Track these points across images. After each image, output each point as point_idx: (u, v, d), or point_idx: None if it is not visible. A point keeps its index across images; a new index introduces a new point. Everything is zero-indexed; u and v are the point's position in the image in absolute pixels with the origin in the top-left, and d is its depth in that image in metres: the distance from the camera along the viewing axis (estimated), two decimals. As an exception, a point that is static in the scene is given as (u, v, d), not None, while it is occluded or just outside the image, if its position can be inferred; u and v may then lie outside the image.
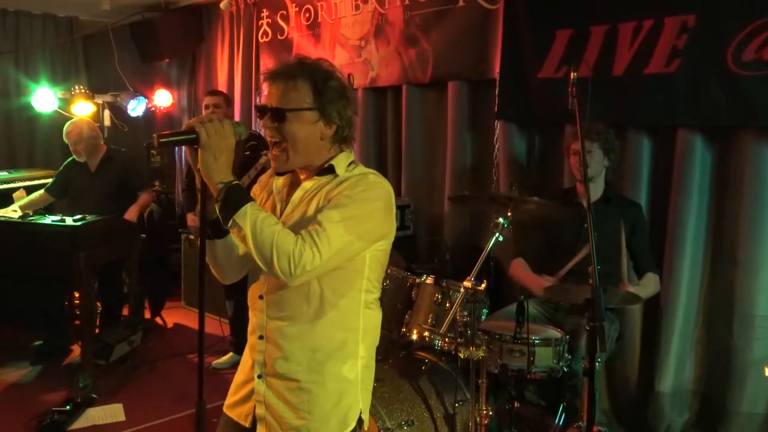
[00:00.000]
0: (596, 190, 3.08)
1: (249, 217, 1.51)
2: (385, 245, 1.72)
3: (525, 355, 2.60)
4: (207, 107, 4.36)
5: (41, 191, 4.60)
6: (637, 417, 3.32)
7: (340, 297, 1.67)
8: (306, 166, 1.70)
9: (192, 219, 4.40)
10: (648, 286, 3.00)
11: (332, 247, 1.54)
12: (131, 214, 4.43)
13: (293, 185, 1.75)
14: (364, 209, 1.61)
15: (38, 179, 5.32)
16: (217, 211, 1.55)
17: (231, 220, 1.53)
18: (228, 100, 4.59)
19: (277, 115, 1.62)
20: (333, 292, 1.66)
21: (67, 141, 4.50)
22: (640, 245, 3.05)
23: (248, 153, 4.37)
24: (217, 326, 4.42)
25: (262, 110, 1.66)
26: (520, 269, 3.25)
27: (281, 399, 1.69)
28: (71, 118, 4.75)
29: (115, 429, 3.40)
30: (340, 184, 1.64)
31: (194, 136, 1.53)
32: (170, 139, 1.56)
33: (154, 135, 1.53)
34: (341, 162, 1.69)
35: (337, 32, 4.79)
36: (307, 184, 1.69)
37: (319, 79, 1.64)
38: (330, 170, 1.68)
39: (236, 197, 1.54)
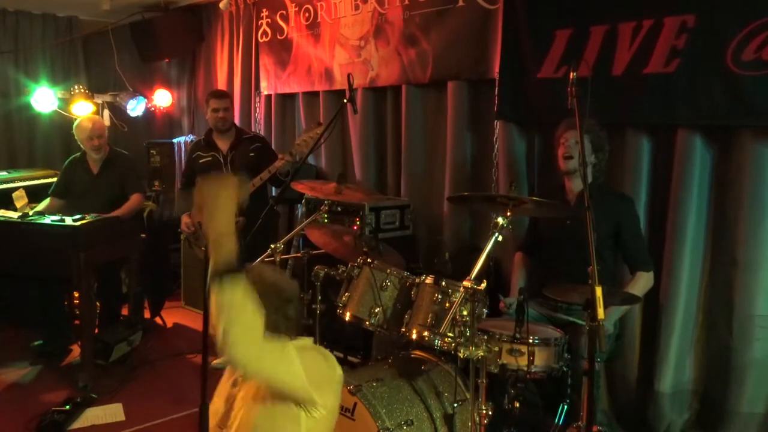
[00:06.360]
0: (579, 183, 3.01)
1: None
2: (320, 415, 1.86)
3: (525, 355, 2.60)
4: (216, 111, 4.33)
5: (47, 200, 4.52)
6: (637, 417, 3.32)
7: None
8: None
9: (186, 222, 4.39)
10: (636, 286, 2.94)
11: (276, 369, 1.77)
12: (119, 213, 4.29)
13: None
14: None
15: (38, 179, 5.31)
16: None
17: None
18: (231, 100, 4.60)
19: None
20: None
21: (84, 136, 4.41)
22: (629, 242, 2.96)
23: (253, 155, 4.37)
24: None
25: None
26: (514, 269, 3.31)
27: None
28: (71, 118, 4.72)
29: (115, 429, 3.40)
30: None
31: None
32: None
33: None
34: None
35: (336, 32, 4.79)
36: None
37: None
38: None
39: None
